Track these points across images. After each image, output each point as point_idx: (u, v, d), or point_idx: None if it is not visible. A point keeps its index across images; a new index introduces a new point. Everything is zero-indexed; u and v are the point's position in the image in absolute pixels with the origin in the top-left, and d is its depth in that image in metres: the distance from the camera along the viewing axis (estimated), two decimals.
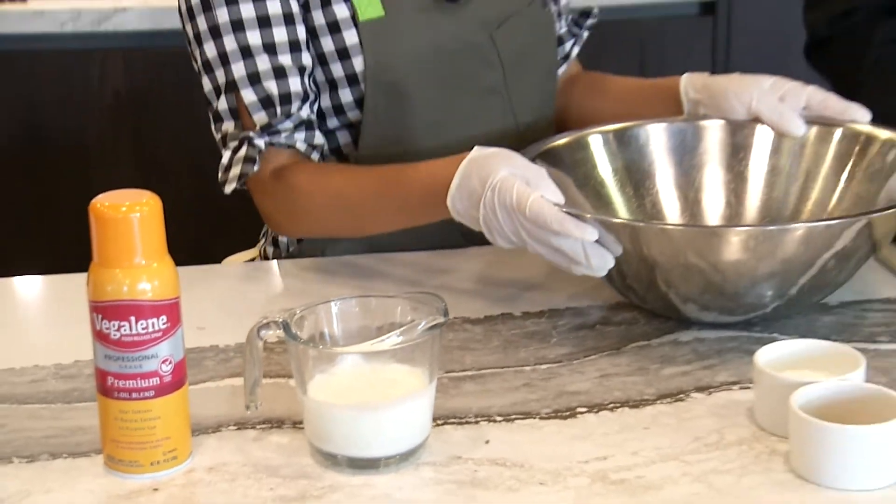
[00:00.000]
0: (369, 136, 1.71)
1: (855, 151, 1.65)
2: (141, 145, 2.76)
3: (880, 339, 1.49)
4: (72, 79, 2.78)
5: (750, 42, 3.01)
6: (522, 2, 1.83)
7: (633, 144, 1.70)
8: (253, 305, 1.60)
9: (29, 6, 2.75)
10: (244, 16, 1.63)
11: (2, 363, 1.48)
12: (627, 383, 1.41)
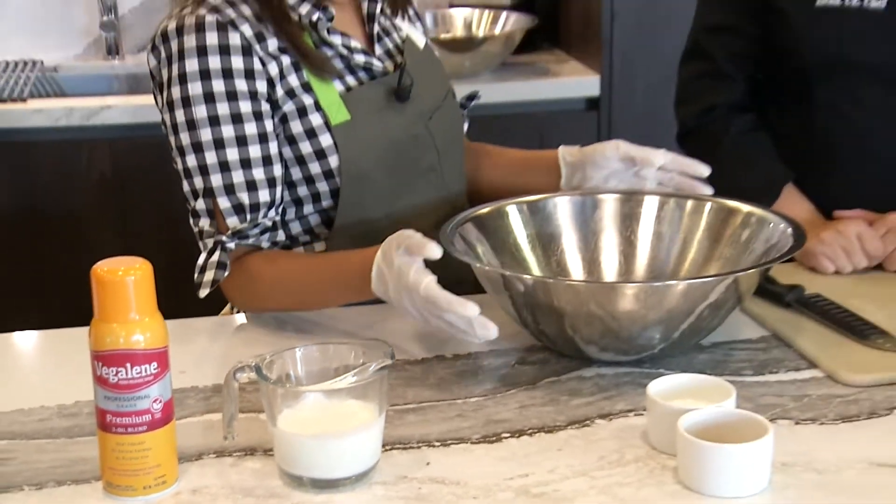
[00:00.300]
0: (341, 218, 1.71)
1: (722, 221, 1.67)
2: (123, 221, 2.74)
3: (745, 373, 1.51)
4: (64, 164, 2.77)
5: (628, 132, 3.01)
6: (442, 96, 1.85)
7: (542, 213, 1.71)
8: (226, 352, 1.60)
9: (28, 105, 2.76)
10: (224, 136, 1.62)
11: (11, 405, 1.46)
12: (542, 412, 1.42)
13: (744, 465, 1.23)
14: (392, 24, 1.84)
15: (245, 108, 1.63)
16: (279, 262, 1.67)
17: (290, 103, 1.67)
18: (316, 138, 1.68)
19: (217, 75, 1.61)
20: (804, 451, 1.32)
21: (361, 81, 1.73)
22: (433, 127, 1.80)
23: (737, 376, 1.49)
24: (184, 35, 1.62)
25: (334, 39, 1.69)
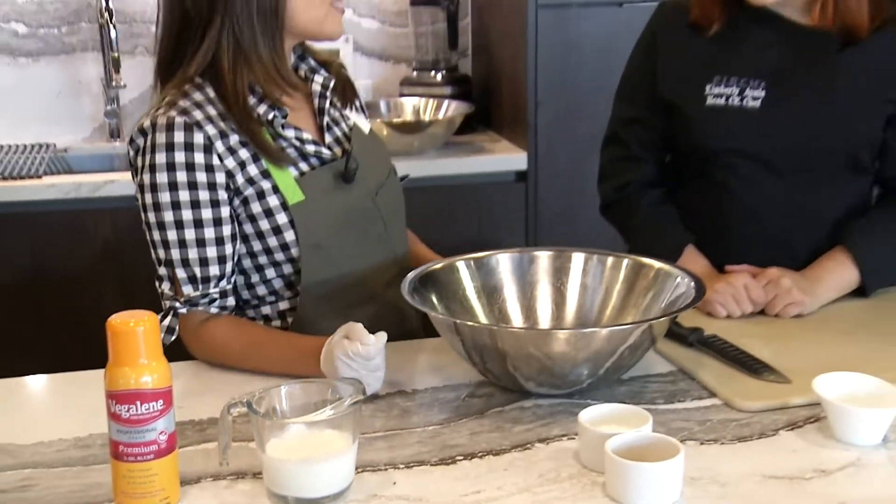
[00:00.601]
0: (304, 281, 1.70)
1: (637, 275, 1.68)
2: (122, 278, 2.74)
3: (658, 402, 1.52)
4: (73, 231, 2.75)
5: (551, 200, 3.06)
6: (386, 175, 1.86)
7: (486, 268, 1.72)
8: (216, 390, 1.58)
9: (43, 181, 2.75)
10: (184, 218, 1.62)
11: (32, 438, 1.45)
12: (490, 438, 1.42)
13: (660, 480, 1.24)
14: (341, 114, 1.84)
15: (203, 196, 1.63)
16: (239, 336, 1.68)
17: (250, 189, 1.66)
18: (273, 217, 1.68)
19: (181, 168, 1.61)
20: (708, 467, 1.34)
21: (313, 166, 1.72)
22: (379, 201, 1.80)
23: (651, 405, 1.50)
24: (156, 132, 1.61)
25: (288, 133, 1.70)
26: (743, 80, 1.87)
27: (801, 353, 1.66)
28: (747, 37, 1.88)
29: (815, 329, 1.77)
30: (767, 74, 1.86)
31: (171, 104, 1.64)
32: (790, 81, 1.86)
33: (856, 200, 1.94)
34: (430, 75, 3.36)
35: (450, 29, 3.36)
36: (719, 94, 1.88)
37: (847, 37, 1.83)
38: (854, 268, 1.85)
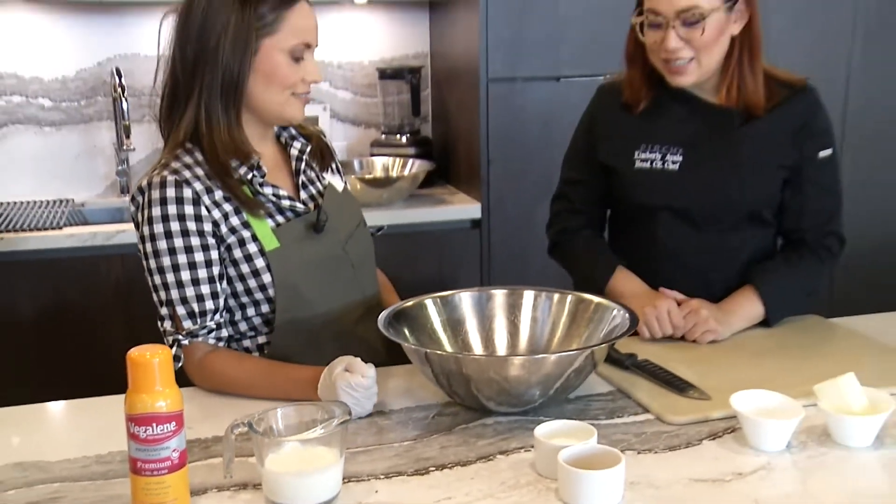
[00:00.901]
0: (279, 318, 1.70)
1: (579, 309, 1.69)
2: (131, 315, 2.72)
3: (601, 418, 1.52)
4: (89, 274, 2.74)
5: (501, 244, 3.07)
6: (355, 226, 1.85)
7: (450, 305, 1.72)
8: (216, 413, 1.57)
9: (63, 232, 2.74)
10: (179, 262, 1.62)
11: (60, 456, 1.43)
12: (458, 451, 1.42)
13: (605, 485, 1.24)
14: (317, 175, 1.84)
15: (195, 241, 1.63)
16: (238, 367, 1.66)
17: (232, 237, 1.66)
18: (253, 261, 1.67)
19: (174, 218, 1.62)
20: (645, 473, 1.34)
21: (288, 218, 1.72)
22: (348, 249, 1.80)
23: (595, 420, 1.50)
24: (152, 190, 1.63)
25: (266, 190, 1.70)
26: (664, 148, 1.91)
27: (720, 374, 1.67)
28: (668, 113, 1.92)
29: (731, 353, 1.78)
30: (684, 143, 1.90)
31: (164, 166, 1.65)
32: (703, 149, 1.89)
33: (761, 246, 1.97)
34: (397, 138, 3.37)
35: (413, 99, 3.38)
36: (645, 159, 1.91)
37: (747, 114, 1.88)
38: (760, 303, 1.88)
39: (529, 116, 3.04)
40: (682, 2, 1.75)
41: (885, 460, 1.39)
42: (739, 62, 1.84)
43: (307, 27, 1.67)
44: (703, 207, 1.89)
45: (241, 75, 1.63)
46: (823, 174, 1.93)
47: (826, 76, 3.19)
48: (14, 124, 3.17)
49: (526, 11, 2.99)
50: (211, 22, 1.62)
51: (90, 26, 3.16)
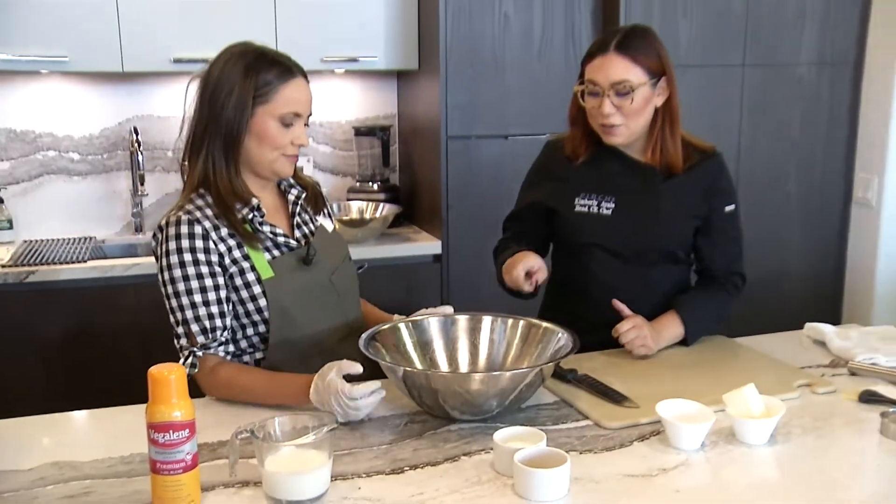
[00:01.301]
0: (273, 338, 1.68)
1: (529, 331, 1.68)
2: (144, 336, 2.68)
3: (548, 424, 1.51)
4: (108, 301, 2.71)
5: (458, 276, 3.06)
6: (341, 260, 1.83)
7: (420, 328, 1.70)
8: (222, 421, 1.54)
9: (87, 265, 2.70)
10: (193, 287, 1.61)
11: (89, 457, 1.40)
12: (428, 453, 1.40)
13: (554, 481, 1.24)
14: (311, 217, 1.83)
15: (205, 270, 1.62)
16: (242, 377, 1.63)
17: (234, 267, 1.65)
18: (251, 288, 1.66)
19: (186, 250, 1.61)
20: (586, 471, 1.34)
21: (283, 252, 1.71)
22: (335, 279, 1.78)
23: (544, 426, 1.49)
24: (168, 228, 1.63)
25: (265, 229, 1.69)
26: (600, 196, 1.91)
27: (646, 386, 1.67)
28: (604, 167, 1.93)
29: (655, 369, 1.79)
30: (616, 193, 1.91)
31: (179, 208, 1.66)
32: (631, 198, 1.90)
33: (677, 279, 1.98)
34: (369, 185, 3.36)
35: (383, 152, 3.37)
36: (584, 204, 1.92)
37: (668, 172, 1.90)
38: (682, 326, 1.89)
39: (482, 168, 3.05)
40: (616, 76, 1.79)
41: (778, 454, 1.40)
42: (662, 129, 1.87)
43: (298, 99, 1.66)
44: (630, 247, 1.90)
45: (238, 134, 1.64)
46: (729, 225, 1.97)
47: (722, 140, 3.25)
48: (48, 174, 3.13)
49: (478, 81, 3.01)
50: (221, 86, 1.63)
51: (113, 93, 3.15)
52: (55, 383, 2.68)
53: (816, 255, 3.46)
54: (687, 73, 3.15)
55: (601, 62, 1.81)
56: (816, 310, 3.41)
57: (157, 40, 2.86)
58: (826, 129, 3.40)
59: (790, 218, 3.41)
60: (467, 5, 2.96)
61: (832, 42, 3.33)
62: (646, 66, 1.80)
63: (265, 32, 2.93)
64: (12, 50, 2.75)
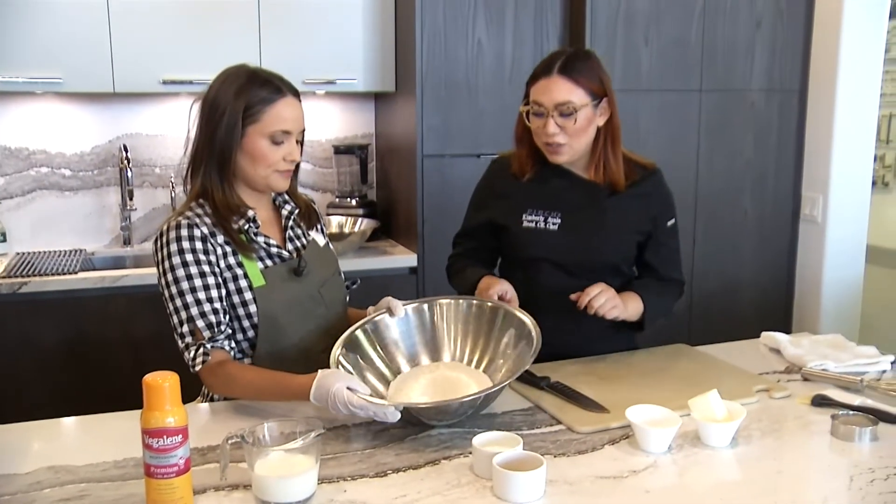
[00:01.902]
0: (261, 344, 1.66)
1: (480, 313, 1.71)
2: (133, 344, 2.63)
3: (524, 428, 1.51)
4: (99, 311, 2.66)
5: (432, 286, 3.03)
6: (331, 274, 1.82)
7: (377, 332, 1.70)
8: (212, 427, 1.53)
9: (78, 276, 2.66)
10: (196, 284, 1.59)
11: (85, 461, 1.38)
12: (410, 457, 1.39)
13: (531, 483, 1.23)
14: (303, 231, 1.82)
15: (205, 268, 1.61)
16: (246, 374, 1.59)
17: (228, 273, 1.64)
18: (242, 294, 1.65)
19: (187, 251, 1.60)
20: (561, 473, 1.34)
21: (275, 262, 1.70)
22: (323, 291, 1.77)
23: (519, 431, 1.48)
24: (169, 231, 1.62)
25: (259, 239, 1.69)
26: (546, 212, 1.90)
27: (616, 392, 1.67)
28: (550, 184, 1.92)
29: (624, 376, 1.78)
30: (562, 209, 1.90)
31: (179, 214, 1.66)
32: (576, 214, 1.89)
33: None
34: (348, 201, 3.35)
35: (361, 169, 3.36)
36: (531, 220, 1.91)
37: (611, 189, 1.90)
38: (642, 304, 1.88)
39: (455, 185, 3.04)
40: (559, 97, 1.79)
41: (739, 455, 1.41)
42: (604, 147, 1.87)
43: (288, 117, 1.65)
44: (575, 260, 1.88)
45: (230, 153, 1.64)
46: (670, 238, 1.97)
47: (681, 160, 3.29)
48: (41, 189, 3.09)
49: (452, 103, 3.02)
50: (215, 107, 1.63)
51: (103, 112, 3.11)
52: (49, 390, 2.63)
53: (769, 268, 3.50)
54: (649, 97, 3.18)
55: (545, 84, 1.80)
56: (770, 318, 3.45)
57: (147, 62, 2.84)
58: (776, 151, 3.44)
59: (745, 233, 3.44)
60: (442, 31, 2.96)
61: (780, 70, 3.38)
62: (588, 87, 1.80)
63: (250, 55, 2.92)
64: (9, 72, 2.73)
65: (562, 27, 3.09)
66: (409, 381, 1.64)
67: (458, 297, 1.75)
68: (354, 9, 3.05)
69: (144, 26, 2.82)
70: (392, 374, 1.66)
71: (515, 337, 1.65)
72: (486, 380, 1.62)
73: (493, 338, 1.68)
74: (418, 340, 1.71)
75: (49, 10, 2.74)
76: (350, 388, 1.41)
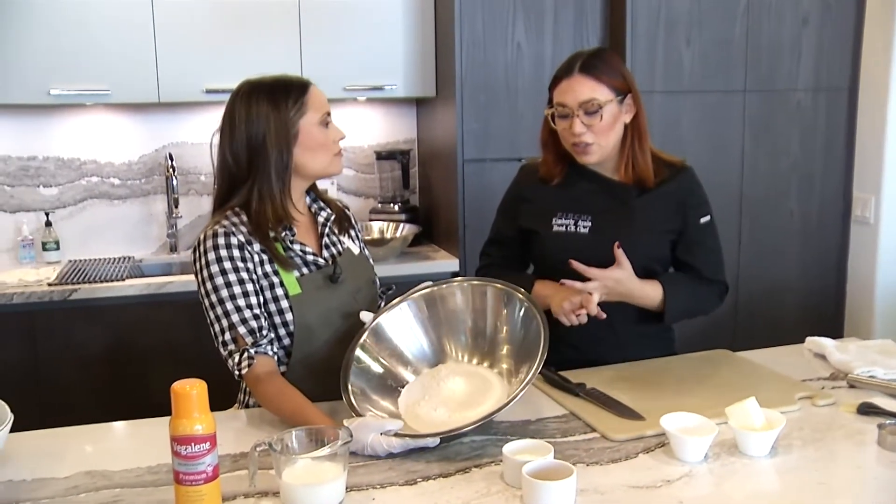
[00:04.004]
0: (296, 352, 1.66)
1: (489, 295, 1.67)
2: (175, 349, 2.68)
3: (557, 436, 1.47)
4: (145, 316, 2.70)
5: None
6: (365, 282, 1.81)
7: (382, 342, 1.68)
8: (248, 431, 1.53)
9: (125, 283, 2.70)
10: (235, 291, 1.59)
11: (120, 466, 1.39)
12: (440, 465, 1.37)
13: (561, 493, 1.20)
14: (338, 239, 1.81)
15: (244, 275, 1.61)
16: (287, 402, 1.53)
17: (264, 281, 1.64)
18: (279, 303, 1.64)
19: (225, 259, 1.60)
20: (592, 482, 1.30)
21: (311, 270, 1.70)
22: (359, 298, 1.76)
23: (552, 439, 1.45)
24: (206, 240, 1.63)
25: (295, 247, 1.68)
26: (576, 215, 1.87)
27: (652, 399, 1.62)
28: (578, 187, 1.89)
29: (660, 382, 1.74)
30: (592, 212, 1.86)
31: (216, 223, 1.65)
32: (606, 217, 1.86)
33: None
34: (390, 206, 3.34)
35: (403, 175, 3.36)
36: (561, 224, 1.88)
37: (640, 189, 1.86)
38: (661, 293, 1.82)
39: (496, 190, 2.95)
40: (583, 96, 1.76)
41: (778, 466, 1.36)
42: (632, 145, 1.84)
43: (323, 101, 1.69)
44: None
45: (289, 155, 1.64)
46: (706, 236, 1.90)
47: (725, 162, 3.22)
48: (91, 199, 3.16)
49: (491, 107, 3.00)
50: (255, 129, 1.63)
51: (150, 122, 3.17)
52: (93, 395, 2.68)
53: (817, 271, 3.40)
54: (690, 99, 3.12)
55: (568, 84, 1.78)
56: (819, 323, 3.35)
57: (190, 73, 2.87)
58: (824, 151, 3.35)
59: (791, 235, 3.35)
60: (482, 35, 2.94)
61: (828, 68, 3.29)
62: (610, 84, 1.77)
63: (290, 63, 2.93)
64: (62, 85, 2.80)
65: (602, 29, 3.05)
66: (418, 391, 1.58)
67: (442, 282, 1.72)
68: (394, 15, 3.05)
69: (187, 38, 2.86)
70: (397, 383, 1.61)
71: (511, 318, 1.61)
72: (496, 378, 1.57)
73: (489, 323, 1.64)
74: (418, 337, 1.67)
75: (98, 25, 2.79)
76: (383, 433, 1.39)
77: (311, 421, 1.45)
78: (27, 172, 3.08)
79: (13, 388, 2.61)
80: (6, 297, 2.59)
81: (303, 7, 2.94)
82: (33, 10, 2.74)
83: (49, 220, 3.06)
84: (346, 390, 1.51)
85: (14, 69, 2.75)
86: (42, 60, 2.77)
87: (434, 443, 1.39)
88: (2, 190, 3.07)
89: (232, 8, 2.90)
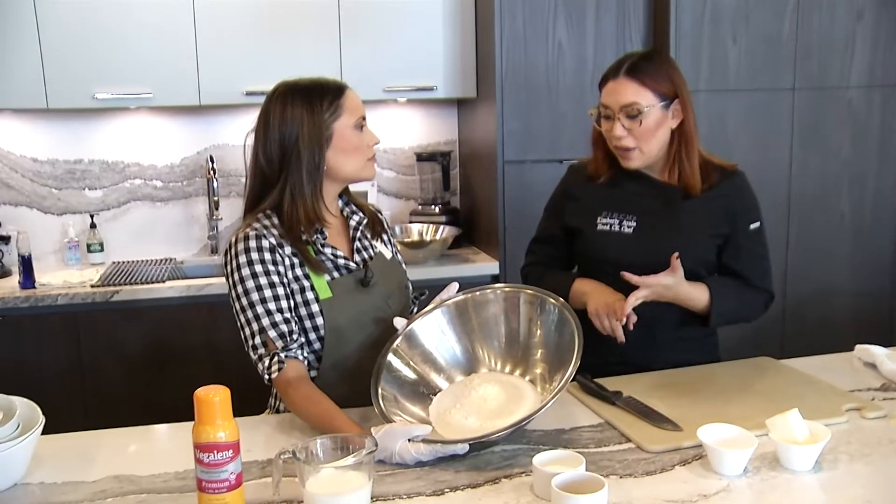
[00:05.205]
0: (327, 356, 1.64)
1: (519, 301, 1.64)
2: (215, 350, 2.69)
3: (590, 446, 1.43)
4: (185, 318, 2.72)
5: None
6: (397, 286, 1.78)
7: (413, 341, 1.64)
8: (277, 437, 1.51)
9: (166, 284, 2.72)
10: (266, 295, 1.57)
11: (148, 471, 1.38)
12: (469, 475, 1.33)
13: None
14: (370, 242, 1.79)
15: (275, 278, 1.59)
16: (315, 407, 1.51)
17: (295, 284, 1.62)
18: (309, 306, 1.63)
19: (256, 262, 1.59)
20: (625, 495, 1.25)
21: (342, 274, 1.68)
22: (391, 302, 1.73)
23: (585, 449, 1.41)
24: (238, 243, 1.62)
25: (326, 250, 1.66)
26: (621, 215, 1.84)
27: (690, 408, 1.57)
28: (624, 187, 1.86)
29: (699, 391, 1.68)
30: (637, 212, 1.83)
31: (247, 226, 1.64)
32: (652, 217, 1.82)
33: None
34: (431, 208, 3.32)
35: (444, 177, 3.33)
36: (606, 223, 1.85)
37: (686, 192, 1.82)
38: (708, 296, 1.78)
39: (537, 191, 2.95)
40: (624, 99, 1.74)
41: (823, 481, 1.29)
42: (678, 150, 1.80)
43: (359, 105, 1.67)
44: (650, 265, 1.76)
45: (321, 156, 1.63)
46: (755, 243, 1.85)
47: (772, 162, 3.13)
48: (134, 201, 3.20)
49: (533, 107, 2.95)
50: (289, 129, 1.62)
51: (191, 124, 3.19)
52: (137, 396, 2.70)
53: (869, 275, 3.29)
54: (736, 97, 3.04)
55: (613, 86, 1.76)
56: (871, 329, 3.23)
57: (231, 76, 2.88)
58: (877, 150, 3.23)
59: (843, 237, 3.24)
60: (522, 35, 2.90)
61: (884, 64, 3.17)
62: (656, 89, 1.74)
63: (330, 65, 2.92)
64: (107, 89, 2.83)
65: (645, 27, 2.98)
66: (449, 398, 1.55)
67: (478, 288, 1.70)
68: (434, 16, 3.02)
69: (228, 41, 2.87)
70: (429, 391, 1.58)
71: (544, 323, 1.57)
72: (529, 388, 1.52)
73: (521, 330, 1.61)
74: (451, 343, 1.65)
75: (140, 29, 2.82)
76: (411, 439, 1.36)
77: (338, 427, 1.43)
78: (73, 175, 3.13)
79: (58, 388, 2.65)
80: (51, 297, 2.62)
81: (342, 8, 2.93)
82: (79, 18, 2.77)
83: (94, 221, 3.10)
84: (377, 396, 1.48)
85: (60, 75, 2.78)
86: (87, 66, 2.80)
87: (463, 450, 1.35)
88: (49, 193, 3.12)
89: (271, 10, 2.90)
